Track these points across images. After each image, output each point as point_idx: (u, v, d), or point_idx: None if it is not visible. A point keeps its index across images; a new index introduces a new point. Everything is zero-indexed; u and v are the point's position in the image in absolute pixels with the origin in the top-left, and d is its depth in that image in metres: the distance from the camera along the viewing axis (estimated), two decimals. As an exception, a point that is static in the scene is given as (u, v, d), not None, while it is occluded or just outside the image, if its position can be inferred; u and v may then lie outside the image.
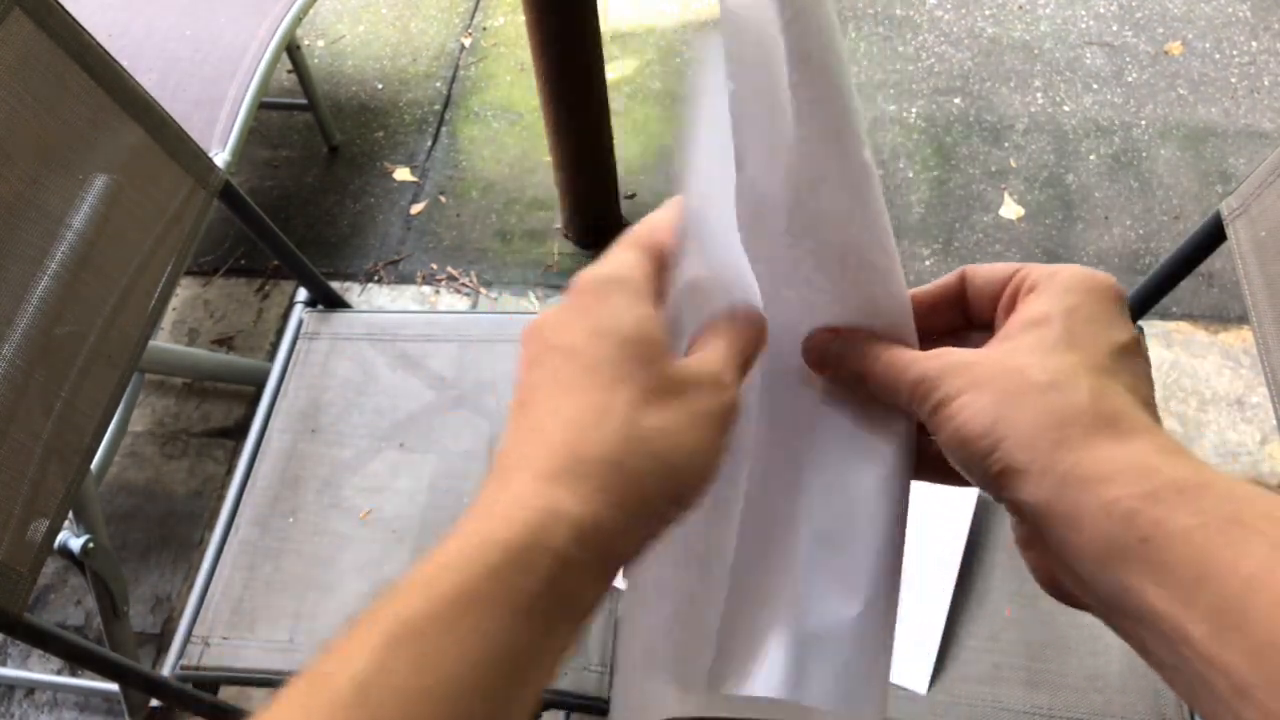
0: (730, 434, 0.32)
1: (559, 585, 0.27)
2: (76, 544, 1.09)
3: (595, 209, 1.69)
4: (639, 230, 0.35)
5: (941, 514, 0.91)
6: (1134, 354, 0.33)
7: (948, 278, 0.38)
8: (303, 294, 1.15)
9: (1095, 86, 1.90)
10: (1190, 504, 0.27)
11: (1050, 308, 0.33)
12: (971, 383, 0.32)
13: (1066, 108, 1.87)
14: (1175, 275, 0.94)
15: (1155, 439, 0.30)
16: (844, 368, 0.37)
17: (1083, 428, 0.30)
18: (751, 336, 0.36)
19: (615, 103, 1.62)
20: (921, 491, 1.00)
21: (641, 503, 0.29)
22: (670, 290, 0.35)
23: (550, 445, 0.29)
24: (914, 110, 1.89)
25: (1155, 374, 1.51)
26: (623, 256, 0.34)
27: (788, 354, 0.38)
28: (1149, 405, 0.32)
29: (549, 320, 0.33)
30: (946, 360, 0.34)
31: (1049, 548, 0.31)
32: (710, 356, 0.34)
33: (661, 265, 0.35)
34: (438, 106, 1.97)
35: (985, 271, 0.37)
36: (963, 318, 0.38)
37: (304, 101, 1.81)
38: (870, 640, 0.36)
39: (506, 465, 0.30)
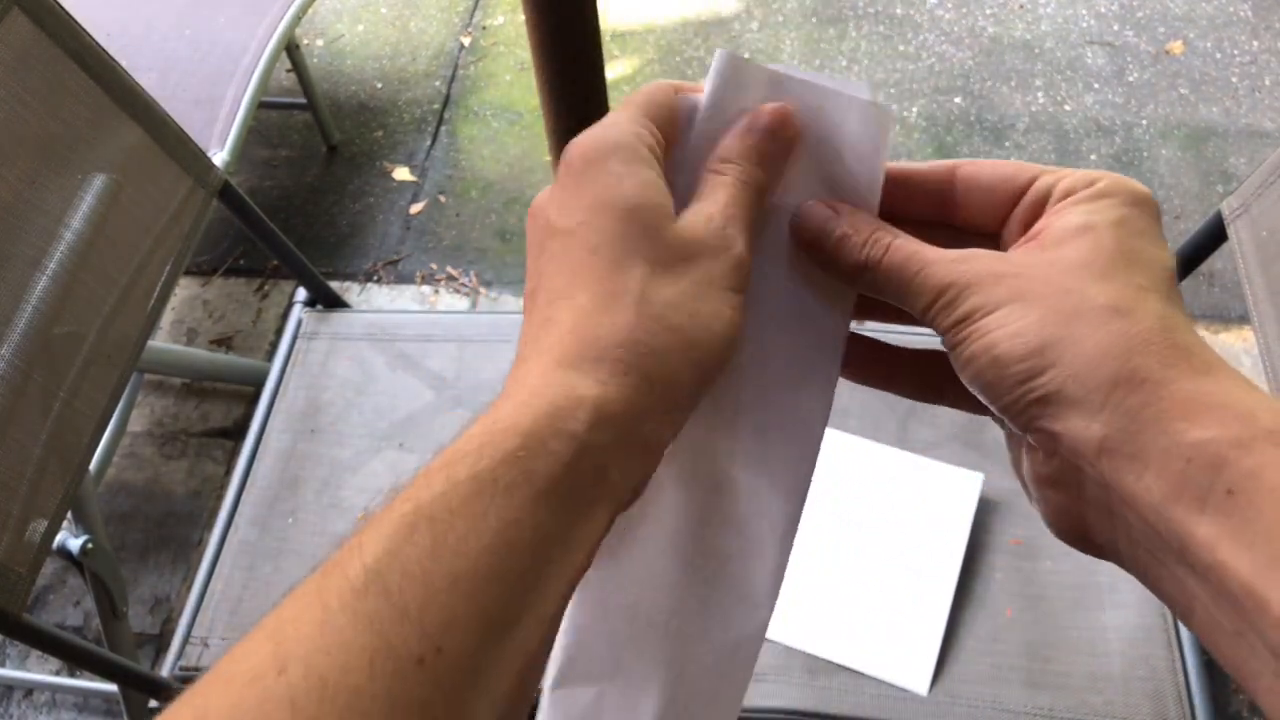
0: (743, 291, 0.31)
1: (580, 468, 0.26)
2: (75, 544, 1.09)
3: (595, 209, 1.69)
4: (635, 93, 0.33)
5: (942, 514, 0.91)
6: (1176, 283, 0.30)
7: (936, 166, 0.34)
8: (302, 294, 1.15)
9: (1096, 86, 1.89)
10: None
11: (1096, 218, 0.29)
12: (1014, 295, 0.28)
13: (1068, 107, 1.87)
14: (1176, 275, 0.94)
15: (1239, 378, 0.26)
16: (844, 255, 0.32)
17: (1156, 359, 0.26)
18: (757, 171, 0.32)
19: (615, 103, 1.62)
20: (921, 492, 1.00)
21: (664, 381, 0.28)
22: (681, 142, 0.33)
23: (562, 333, 0.28)
24: (915, 109, 1.89)
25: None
26: (615, 118, 0.32)
27: None
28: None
29: (547, 200, 0.31)
30: (979, 266, 0.30)
31: (1085, 488, 0.28)
32: (710, 209, 0.31)
33: (662, 121, 0.32)
34: (437, 106, 1.97)
35: (989, 174, 0.32)
36: (942, 214, 0.34)
37: (303, 101, 1.81)
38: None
39: (523, 357, 0.29)
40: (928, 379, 0.35)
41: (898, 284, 0.31)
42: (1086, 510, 0.28)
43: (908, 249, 0.31)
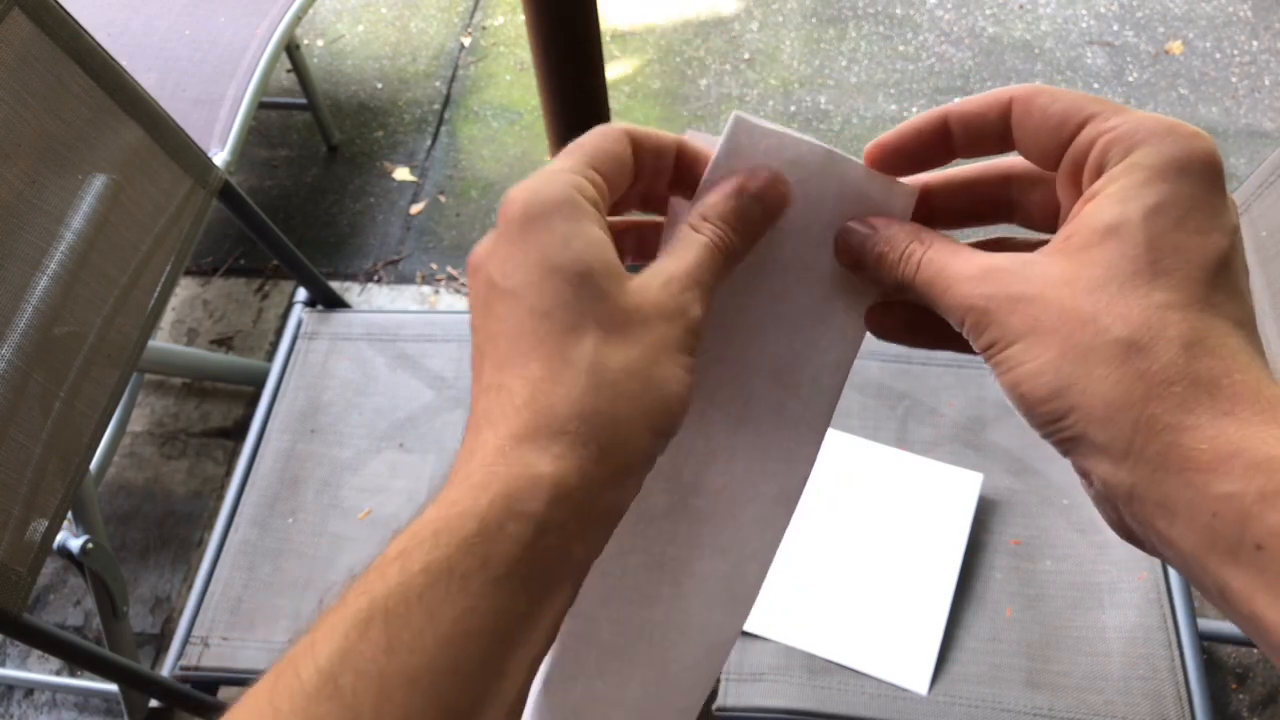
0: (694, 352, 0.30)
1: (540, 549, 0.26)
2: (75, 544, 1.09)
3: (595, 209, 1.69)
4: (581, 139, 0.32)
5: (941, 514, 0.91)
6: (1232, 258, 0.27)
7: (992, 104, 0.31)
8: (302, 294, 1.15)
9: (1096, 86, 1.89)
10: None
11: (1127, 211, 0.27)
12: (1030, 327, 0.27)
13: (1067, 107, 1.87)
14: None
15: (1265, 409, 0.25)
16: (884, 273, 0.32)
17: (1176, 400, 0.25)
18: (734, 237, 0.31)
19: (615, 103, 1.62)
20: (921, 492, 1.00)
21: (621, 448, 0.28)
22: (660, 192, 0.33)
23: (517, 405, 0.27)
24: (914, 110, 1.89)
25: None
26: (557, 167, 0.30)
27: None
28: (1250, 325, 0.27)
29: (487, 256, 0.30)
30: (999, 287, 0.28)
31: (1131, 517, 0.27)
32: (672, 270, 0.30)
33: (609, 170, 0.31)
34: (437, 106, 1.97)
35: (1037, 120, 0.29)
36: (1005, 147, 0.32)
37: (303, 101, 1.81)
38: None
39: (476, 426, 0.28)
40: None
41: (930, 302, 0.31)
42: (1134, 529, 0.28)
43: (935, 265, 0.30)
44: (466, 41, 2.08)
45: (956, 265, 0.30)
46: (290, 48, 1.64)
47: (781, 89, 1.94)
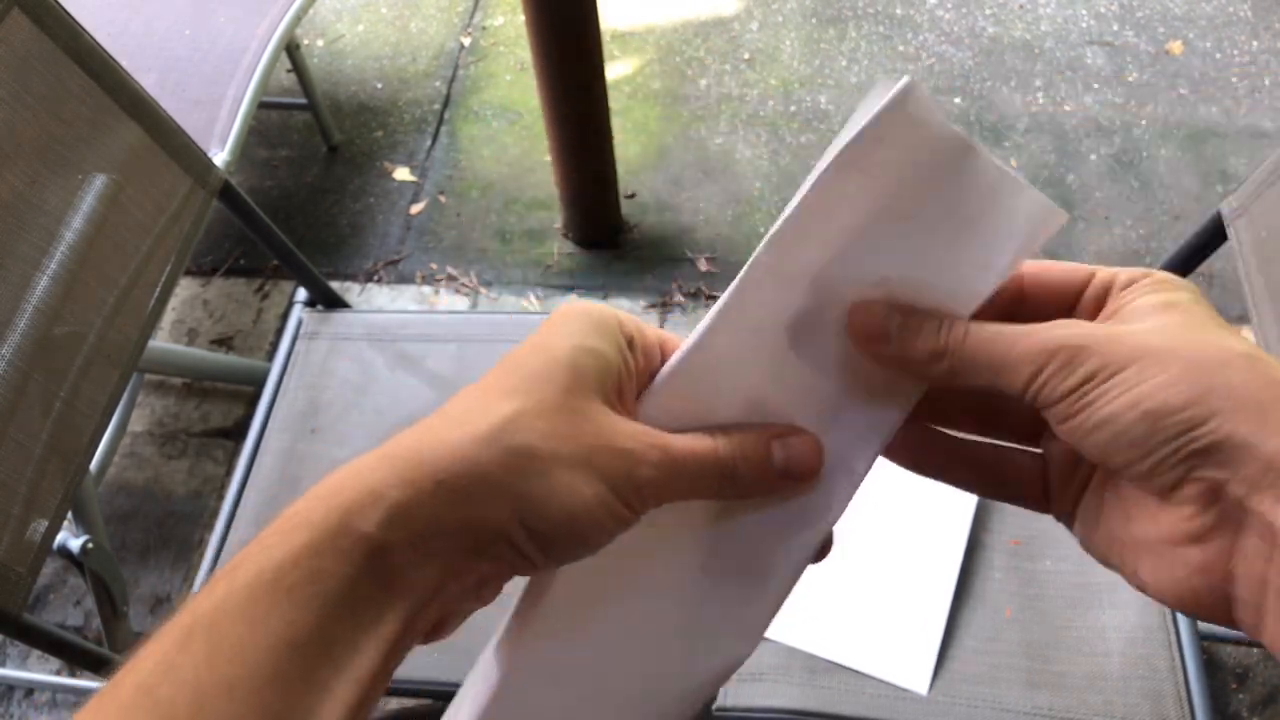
0: (633, 518, 0.29)
1: (376, 570, 0.25)
2: (76, 544, 1.09)
3: (595, 209, 1.69)
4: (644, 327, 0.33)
5: (941, 514, 0.91)
6: None
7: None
8: (302, 294, 1.15)
9: (1096, 86, 1.89)
10: None
11: (1173, 296, 0.29)
12: (1141, 351, 0.27)
13: (1067, 107, 1.87)
14: (1176, 275, 0.94)
15: None
16: (914, 345, 0.30)
17: None
18: (733, 483, 0.31)
19: (615, 103, 1.62)
20: (921, 491, 1.00)
21: (471, 506, 0.26)
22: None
23: (417, 431, 0.28)
24: (914, 110, 1.89)
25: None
26: (615, 309, 0.32)
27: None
28: None
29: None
30: (1085, 329, 0.29)
31: (1242, 536, 0.27)
32: (659, 434, 0.30)
33: (651, 349, 0.32)
34: (437, 106, 1.97)
35: (1058, 269, 0.32)
36: (1009, 318, 0.32)
37: (303, 101, 1.81)
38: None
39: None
40: (991, 473, 0.34)
41: (988, 362, 0.29)
42: (1237, 563, 0.27)
43: (990, 328, 0.30)
44: (466, 41, 2.08)
45: (1018, 325, 0.30)
46: (290, 48, 1.64)
47: (781, 89, 1.94)
